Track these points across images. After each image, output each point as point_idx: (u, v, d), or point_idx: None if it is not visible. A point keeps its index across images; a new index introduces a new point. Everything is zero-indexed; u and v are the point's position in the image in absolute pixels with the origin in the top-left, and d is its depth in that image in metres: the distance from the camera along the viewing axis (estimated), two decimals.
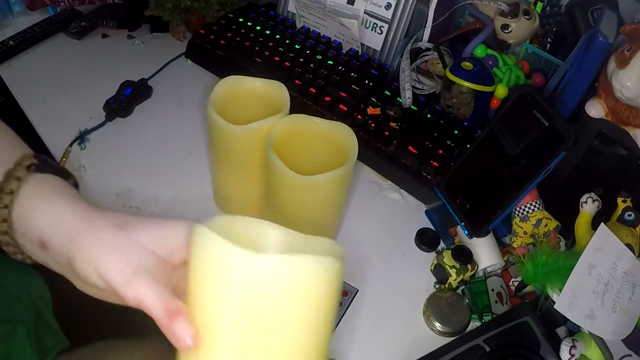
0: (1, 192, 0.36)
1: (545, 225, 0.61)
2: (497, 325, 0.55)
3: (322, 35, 0.87)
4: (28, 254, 0.38)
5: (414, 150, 0.70)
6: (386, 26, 0.82)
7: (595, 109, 0.61)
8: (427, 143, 0.71)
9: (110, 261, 0.33)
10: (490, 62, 0.76)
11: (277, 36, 0.85)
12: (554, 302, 0.52)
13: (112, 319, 0.77)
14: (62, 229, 0.35)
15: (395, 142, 0.72)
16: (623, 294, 0.53)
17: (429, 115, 0.74)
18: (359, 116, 0.74)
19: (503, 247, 0.64)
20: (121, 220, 0.34)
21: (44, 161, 0.38)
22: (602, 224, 0.55)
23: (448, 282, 0.60)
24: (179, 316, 0.31)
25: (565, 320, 0.55)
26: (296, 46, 0.83)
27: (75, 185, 0.41)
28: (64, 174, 0.39)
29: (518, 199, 0.58)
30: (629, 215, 0.59)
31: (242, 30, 0.86)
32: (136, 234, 0.34)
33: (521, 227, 0.61)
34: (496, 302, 0.59)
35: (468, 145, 0.68)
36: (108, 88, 0.81)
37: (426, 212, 0.69)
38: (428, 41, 0.82)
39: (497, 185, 0.60)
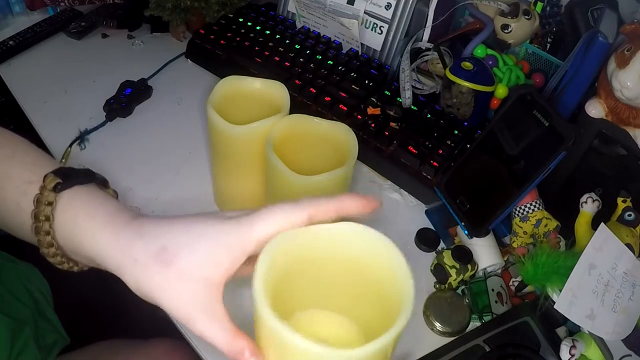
0: (39, 220, 0.36)
1: (545, 225, 0.61)
2: (497, 325, 0.55)
3: (322, 35, 0.87)
4: (84, 264, 0.39)
5: (414, 150, 0.70)
6: (386, 26, 0.82)
7: (595, 109, 0.61)
8: (427, 143, 0.71)
9: (163, 303, 0.33)
10: (490, 62, 0.76)
11: (277, 36, 0.85)
12: (554, 302, 0.52)
13: (113, 316, 0.77)
14: (107, 260, 0.35)
15: (395, 142, 0.72)
16: (623, 294, 0.53)
17: (429, 115, 0.74)
18: (359, 116, 0.74)
19: (503, 247, 0.64)
20: (159, 247, 0.34)
21: (68, 175, 0.38)
22: (602, 224, 0.55)
23: (448, 282, 0.60)
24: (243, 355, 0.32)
25: (565, 320, 0.55)
26: (296, 46, 0.83)
27: (104, 182, 0.41)
28: (89, 176, 0.39)
29: (518, 198, 0.58)
30: (629, 215, 0.59)
31: (242, 30, 0.86)
32: (180, 267, 0.33)
33: (521, 227, 0.61)
34: (496, 302, 0.59)
35: (468, 145, 0.68)
36: (108, 88, 0.81)
37: (426, 212, 0.69)
38: (428, 41, 0.82)
39: (497, 185, 0.60)
